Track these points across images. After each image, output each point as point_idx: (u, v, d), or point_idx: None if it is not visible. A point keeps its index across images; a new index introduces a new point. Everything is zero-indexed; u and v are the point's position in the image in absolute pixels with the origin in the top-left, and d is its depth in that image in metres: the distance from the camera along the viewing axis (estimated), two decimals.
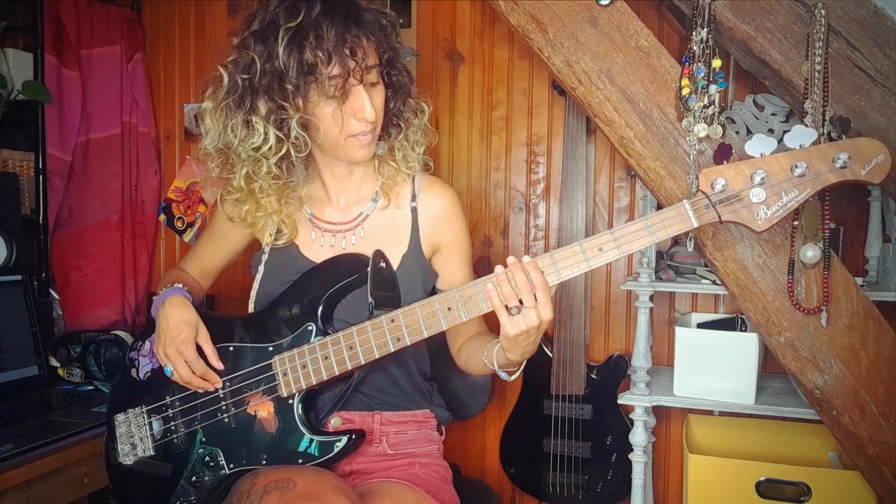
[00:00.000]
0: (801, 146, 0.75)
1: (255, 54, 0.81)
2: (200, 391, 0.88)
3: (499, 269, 0.76)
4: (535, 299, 0.74)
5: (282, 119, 0.83)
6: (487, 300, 0.77)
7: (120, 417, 0.92)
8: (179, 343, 0.85)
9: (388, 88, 0.88)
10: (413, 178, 0.94)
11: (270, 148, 0.83)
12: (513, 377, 0.85)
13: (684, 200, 0.76)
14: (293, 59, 0.79)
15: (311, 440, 0.84)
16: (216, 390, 0.87)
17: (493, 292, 0.75)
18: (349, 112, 0.83)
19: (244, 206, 0.90)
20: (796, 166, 0.74)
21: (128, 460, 0.90)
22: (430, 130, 0.94)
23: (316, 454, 0.83)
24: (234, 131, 0.84)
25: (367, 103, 0.82)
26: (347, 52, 0.79)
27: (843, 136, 0.81)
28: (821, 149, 0.75)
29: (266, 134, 0.83)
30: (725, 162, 0.78)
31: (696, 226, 0.75)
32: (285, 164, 0.88)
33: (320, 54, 0.78)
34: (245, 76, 0.82)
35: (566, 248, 0.77)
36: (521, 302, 0.75)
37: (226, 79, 0.84)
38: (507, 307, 0.75)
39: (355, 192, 0.94)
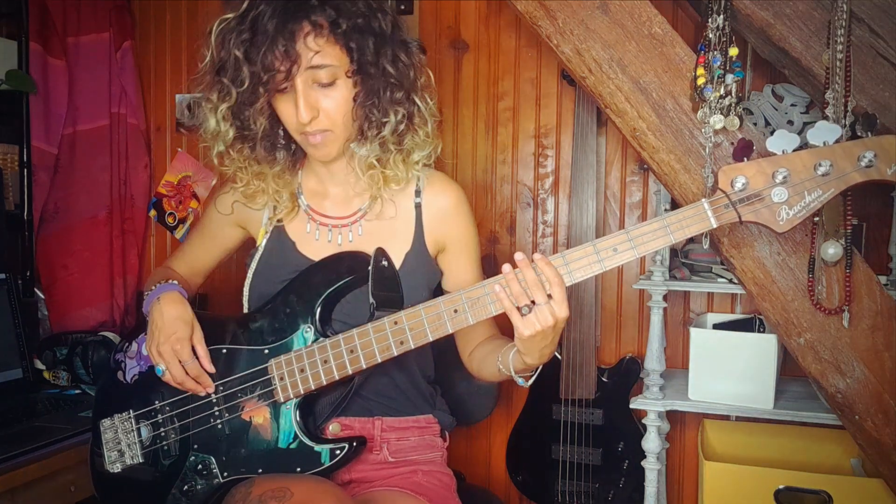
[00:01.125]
0: (824, 143, 0.74)
1: (213, 46, 0.83)
2: (191, 394, 0.85)
3: (506, 267, 0.74)
4: (549, 297, 0.72)
5: (243, 112, 0.84)
6: (496, 302, 0.75)
7: (106, 423, 0.89)
8: (175, 341, 0.83)
9: (361, 86, 0.83)
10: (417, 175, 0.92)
11: (229, 139, 0.87)
12: (528, 382, 0.83)
13: (703, 200, 0.75)
14: (241, 52, 0.80)
15: (309, 447, 0.82)
16: (209, 395, 0.85)
17: (502, 293, 0.74)
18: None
19: (255, 189, 0.90)
20: (820, 165, 0.72)
21: (115, 468, 0.88)
22: (433, 139, 0.89)
23: (313, 462, 0.81)
24: (224, 118, 0.86)
25: (300, 106, 0.80)
26: (283, 49, 0.78)
27: (869, 134, 0.80)
28: (845, 147, 0.73)
29: (222, 125, 0.85)
30: (746, 159, 0.79)
31: (715, 226, 0.74)
32: (259, 147, 0.89)
33: (263, 50, 0.78)
34: (214, 68, 0.84)
35: (579, 249, 0.76)
36: (532, 301, 0.73)
37: (207, 68, 0.86)
38: (517, 308, 0.73)
39: (353, 184, 0.92)
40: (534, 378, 0.82)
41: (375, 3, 0.83)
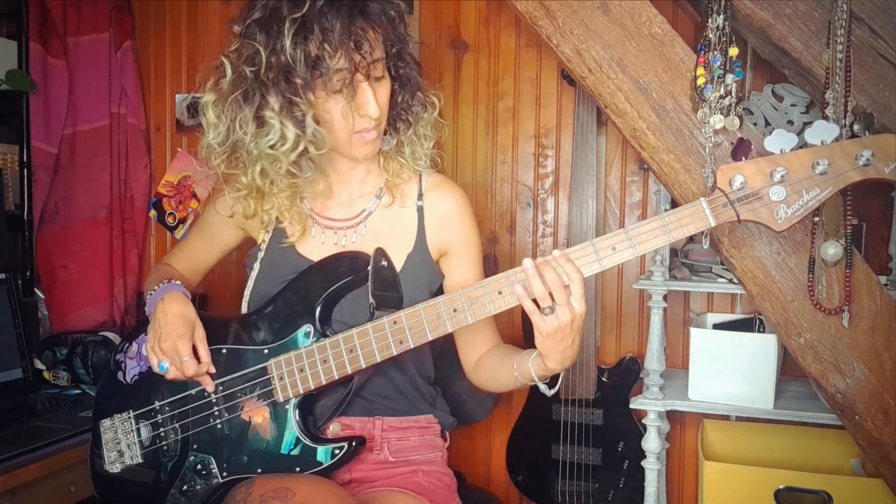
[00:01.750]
0: (822, 142, 0.74)
1: (259, 45, 0.77)
2: (191, 395, 0.85)
3: (528, 262, 0.73)
4: (570, 294, 0.73)
5: (295, 114, 0.79)
6: (495, 301, 0.75)
7: (106, 423, 0.89)
8: (176, 338, 0.83)
9: (394, 82, 0.85)
10: (420, 176, 0.92)
11: (287, 145, 0.80)
12: (553, 390, 0.82)
13: (701, 199, 0.75)
14: (299, 51, 0.75)
15: (309, 447, 0.82)
16: (208, 395, 0.85)
17: (524, 294, 0.74)
18: (353, 108, 0.80)
19: (250, 201, 0.87)
20: (818, 164, 0.73)
21: (115, 468, 0.88)
22: (440, 123, 0.92)
23: (313, 462, 0.81)
24: (243, 127, 0.80)
25: (370, 99, 0.79)
26: (353, 45, 0.76)
27: (867, 133, 0.80)
28: (843, 145, 0.73)
29: (283, 130, 0.79)
30: (744, 158, 0.78)
31: (713, 225, 0.74)
32: (302, 160, 0.85)
33: (327, 47, 0.75)
34: (251, 68, 0.78)
35: (578, 248, 0.75)
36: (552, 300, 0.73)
37: (229, 70, 0.80)
38: (540, 308, 0.74)
39: (359, 187, 0.92)
40: (557, 386, 0.81)
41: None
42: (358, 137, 0.83)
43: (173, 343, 0.82)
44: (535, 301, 0.74)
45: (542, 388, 0.81)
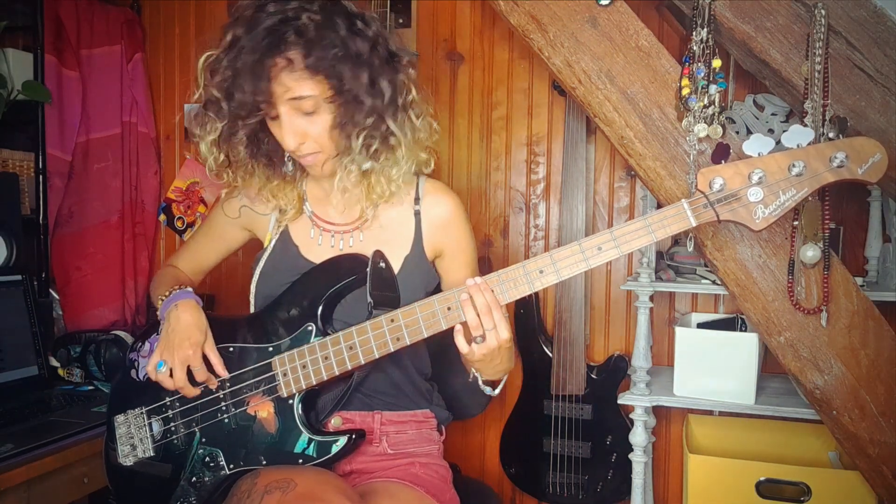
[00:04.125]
0: (798, 146, 0.76)
1: (204, 80, 0.84)
2: (200, 390, 0.87)
3: (462, 294, 0.77)
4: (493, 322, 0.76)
5: (229, 138, 0.86)
6: (459, 331, 0.78)
7: (120, 418, 0.92)
8: (188, 346, 0.85)
9: (341, 109, 0.82)
10: (417, 180, 0.94)
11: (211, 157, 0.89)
12: (495, 392, 0.87)
13: (683, 200, 0.76)
14: (219, 90, 0.81)
15: (311, 440, 0.84)
16: (216, 391, 0.87)
17: (459, 330, 0.77)
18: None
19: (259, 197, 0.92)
20: (794, 165, 0.74)
21: (128, 461, 0.90)
22: (404, 159, 0.88)
23: (316, 454, 0.83)
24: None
25: (284, 134, 0.83)
26: (255, 87, 0.79)
27: (841, 136, 0.81)
28: (818, 148, 0.75)
29: (204, 143, 0.88)
30: (723, 161, 0.79)
31: (694, 225, 0.76)
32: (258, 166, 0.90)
33: (235, 88, 0.80)
34: (201, 89, 0.85)
35: (565, 248, 0.77)
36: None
37: (201, 91, 0.86)
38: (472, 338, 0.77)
39: (352, 195, 0.93)
40: (498, 390, 0.86)
41: (357, 25, 0.81)
42: (300, 160, 0.86)
43: (185, 352, 0.84)
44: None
45: (486, 390, 0.86)
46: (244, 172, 0.91)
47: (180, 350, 0.85)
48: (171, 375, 0.86)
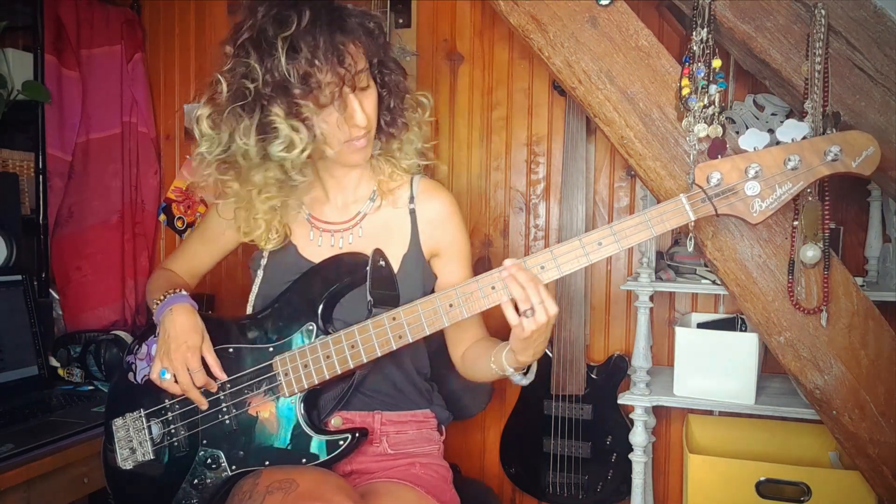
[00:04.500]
0: (792, 140, 0.76)
1: (253, 62, 0.79)
2: (194, 402, 0.87)
3: (504, 272, 0.76)
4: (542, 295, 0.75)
5: (303, 120, 0.82)
6: (489, 297, 0.77)
7: (118, 422, 0.91)
8: (186, 350, 0.84)
9: (381, 89, 0.88)
10: (411, 180, 0.94)
11: (297, 149, 0.81)
12: (526, 381, 0.85)
13: (681, 195, 0.77)
14: (291, 67, 0.78)
15: (313, 439, 0.84)
16: (216, 392, 0.87)
17: (505, 297, 0.76)
18: (344, 119, 0.83)
19: (241, 211, 0.90)
20: (789, 160, 0.75)
21: (127, 465, 0.89)
22: (427, 123, 0.94)
23: (317, 453, 0.84)
24: (244, 136, 0.81)
25: (358, 110, 0.82)
26: (336, 59, 0.79)
27: (835, 130, 0.81)
28: (813, 142, 0.76)
29: (292, 135, 0.80)
30: (720, 156, 0.79)
31: (693, 219, 0.77)
32: (307, 168, 0.87)
33: (316, 63, 0.78)
34: (249, 83, 0.80)
35: (566, 244, 0.78)
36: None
37: (224, 86, 0.81)
38: (521, 312, 0.76)
39: (353, 191, 0.94)
40: (530, 377, 0.84)
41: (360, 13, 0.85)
42: (349, 146, 0.85)
43: (183, 356, 0.84)
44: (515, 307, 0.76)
45: (517, 379, 0.84)
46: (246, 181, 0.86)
47: (178, 355, 0.84)
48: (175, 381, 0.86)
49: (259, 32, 0.80)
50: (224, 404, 0.87)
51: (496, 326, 0.93)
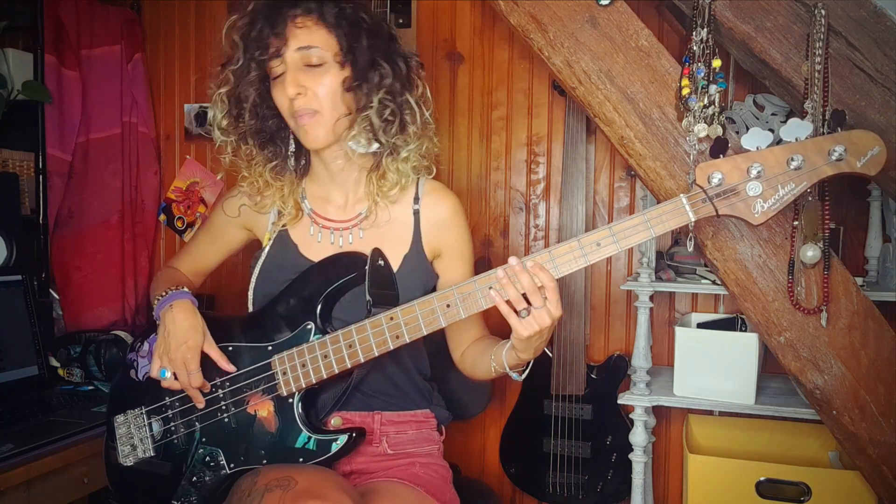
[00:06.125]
0: (796, 139, 0.75)
1: (226, 41, 0.88)
2: (199, 390, 0.88)
3: (500, 272, 0.75)
4: (545, 298, 0.75)
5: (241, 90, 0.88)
6: (487, 297, 0.77)
7: (119, 419, 0.92)
8: (186, 350, 0.85)
9: (351, 72, 0.86)
10: (417, 181, 0.94)
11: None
12: (522, 376, 0.86)
13: (681, 195, 0.76)
14: (237, 37, 0.86)
15: (311, 438, 0.84)
16: (215, 390, 0.87)
17: (498, 297, 0.76)
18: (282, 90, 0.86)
19: (261, 187, 0.93)
20: (792, 159, 0.74)
21: (128, 461, 0.90)
22: (415, 138, 0.91)
23: (316, 452, 0.84)
24: (246, 89, 0.88)
25: (287, 81, 0.84)
26: (275, 33, 0.83)
27: (839, 130, 0.80)
28: (817, 141, 0.75)
29: (218, 109, 0.89)
30: (722, 156, 0.79)
31: (693, 220, 0.76)
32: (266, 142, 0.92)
33: (264, 28, 0.84)
34: (237, 39, 0.88)
35: (564, 244, 0.77)
36: (528, 303, 0.76)
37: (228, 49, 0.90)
38: (516, 311, 0.76)
39: (353, 191, 0.95)
40: (526, 372, 0.85)
41: (371, 12, 0.88)
42: (295, 123, 0.87)
43: (182, 355, 0.84)
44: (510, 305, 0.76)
45: (514, 376, 0.84)
46: (247, 149, 0.92)
47: (177, 353, 0.85)
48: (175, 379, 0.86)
49: (242, 15, 0.87)
50: (223, 402, 0.87)
51: (496, 326, 0.94)
